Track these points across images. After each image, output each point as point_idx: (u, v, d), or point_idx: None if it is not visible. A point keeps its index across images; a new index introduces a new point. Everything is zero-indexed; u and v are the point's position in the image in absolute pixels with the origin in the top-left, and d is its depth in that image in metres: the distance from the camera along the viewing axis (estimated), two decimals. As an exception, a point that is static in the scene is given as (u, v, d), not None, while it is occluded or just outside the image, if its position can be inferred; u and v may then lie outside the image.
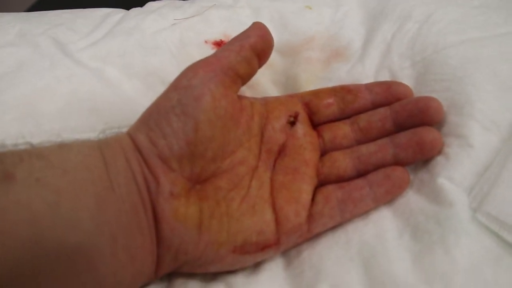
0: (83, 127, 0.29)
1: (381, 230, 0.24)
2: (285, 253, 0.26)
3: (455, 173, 0.25)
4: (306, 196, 0.25)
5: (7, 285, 0.18)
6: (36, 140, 0.27)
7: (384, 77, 0.30)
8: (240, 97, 0.27)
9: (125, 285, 0.22)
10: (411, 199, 0.25)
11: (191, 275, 0.25)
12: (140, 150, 0.23)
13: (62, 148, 0.22)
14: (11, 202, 0.19)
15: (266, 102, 0.29)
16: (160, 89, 0.26)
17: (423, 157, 0.26)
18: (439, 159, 0.26)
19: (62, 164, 0.21)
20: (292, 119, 0.28)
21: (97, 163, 0.22)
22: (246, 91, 0.30)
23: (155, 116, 0.24)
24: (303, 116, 0.28)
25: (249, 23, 0.28)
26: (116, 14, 0.37)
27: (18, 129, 0.28)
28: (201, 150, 0.24)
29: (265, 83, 0.32)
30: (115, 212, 0.21)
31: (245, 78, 0.27)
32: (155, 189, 0.23)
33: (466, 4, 0.32)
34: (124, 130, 0.26)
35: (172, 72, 0.27)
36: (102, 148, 0.23)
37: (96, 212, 0.20)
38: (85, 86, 0.31)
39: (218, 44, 0.33)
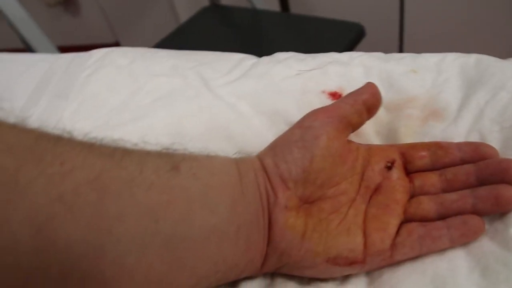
0: (219, 151, 0.37)
1: (454, 266, 0.29)
2: (369, 273, 0.31)
3: (527, 226, 0.29)
4: (392, 228, 0.31)
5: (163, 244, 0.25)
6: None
7: (474, 138, 0.35)
8: (349, 141, 0.33)
9: (239, 269, 0.29)
10: (485, 244, 0.29)
11: (290, 277, 0.31)
12: (265, 169, 0.30)
13: (210, 157, 0.30)
14: (176, 184, 0.26)
15: (370, 148, 0.34)
16: (283, 126, 0.33)
17: (499, 210, 0.30)
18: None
19: (210, 168, 0.29)
20: (389, 164, 0.33)
21: (234, 172, 0.30)
22: (353, 137, 0.36)
23: (280, 145, 0.31)
24: (399, 163, 0.34)
25: (361, 79, 0.34)
26: (249, 59, 0.46)
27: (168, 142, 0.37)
28: (313, 177, 0.30)
29: (370, 132, 0.38)
30: (242, 211, 0.28)
31: (355, 126, 0.33)
32: (274, 201, 0.30)
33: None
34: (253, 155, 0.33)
35: (293, 114, 0.34)
36: (238, 163, 0.30)
37: (230, 207, 0.28)
38: (222, 116, 0.39)
39: (333, 94, 0.40)
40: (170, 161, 0.27)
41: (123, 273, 0.24)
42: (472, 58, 0.41)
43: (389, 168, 0.33)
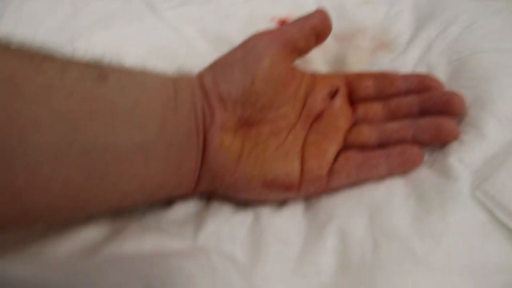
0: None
1: (390, 192, 0.29)
2: (307, 199, 0.31)
3: (465, 156, 0.28)
4: (330, 155, 0.30)
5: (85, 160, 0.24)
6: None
7: (422, 70, 0.34)
8: (294, 68, 0.32)
9: (168, 188, 0.28)
10: (423, 173, 0.29)
11: (226, 200, 0.30)
12: (204, 88, 0.29)
13: (145, 72, 0.28)
14: (100, 95, 0.24)
15: (315, 76, 0.33)
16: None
17: (439, 141, 0.30)
18: (454, 143, 0.29)
19: (142, 82, 0.27)
20: (333, 92, 0.32)
21: (168, 89, 0.28)
22: (300, 64, 0.35)
23: (221, 65, 0.29)
24: (343, 91, 0.33)
25: (312, 7, 0.33)
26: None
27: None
28: (253, 99, 0.29)
29: (317, 61, 0.36)
30: (174, 129, 0.27)
31: (301, 52, 0.32)
32: (210, 120, 0.28)
33: (507, 19, 0.35)
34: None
35: (239, 40, 0.32)
36: (175, 80, 0.29)
37: (160, 124, 0.26)
38: (166, 39, 0.37)
39: (283, 22, 0.38)
40: (97, 70, 0.25)
41: (37, 184, 0.22)
42: (427, -6, 0.40)
43: (332, 96, 0.32)
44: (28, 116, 0.22)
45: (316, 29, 0.31)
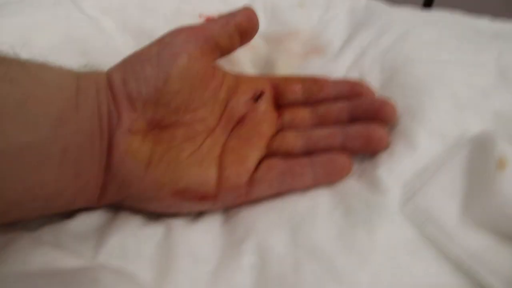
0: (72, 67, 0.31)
1: (315, 204, 0.26)
2: (225, 211, 0.28)
3: (395, 167, 0.27)
4: (251, 162, 0.27)
5: None
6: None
7: (354, 75, 0.33)
8: (215, 67, 0.29)
9: (65, 197, 0.24)
10: (350, 184, 0.27)
11: (136, 212, 0.27)
12: (111, 86, 0.25)
13: (44, 65, 0.24)
14: None
15: (238, 77, 0.31)
16: None
17: (368, 150, 0.28)
18: (384, 154, 0.28)
19: (39, 76, 0.23)
20: (257, 95, 0.30)
21: (69, 86, 0.24)
22: (226, 65, 0.32)
23: (133, 61, 0.26)
24: (268, 95, 0.30)
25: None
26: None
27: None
28: (166, 100, 0.26)
29: (244, 62, 0.34)
30: (71, 131, 0.23)
31: (224, 51, 0.29)
32: (116, 122, 0.25)
33: (442, 31, 0.34)
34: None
35: None
36: (79, 77, 0.25)
37: (56, 122, 0.22)
38: (81, 30, 0.33)
39: (211, 19, 0.35)
40: None
41: None
42: (363, 1, 0.38)
43: (256, 99, 0.30)
44: None
45: (241, 27, 0.28)
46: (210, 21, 0.29)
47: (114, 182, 0.25)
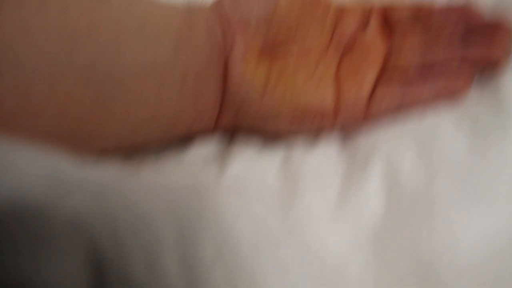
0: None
1: (439, 119, 0.25)
2: (342, 136, 0.27)
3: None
4: (369, 77, 0.26)
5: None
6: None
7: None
8: None
9: (185, 121, 0.24)
10: (474, 96, 0.25)
11: (253, 135, 0.26)
12: (223, 9, 0.25)
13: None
14: (99, 13, 0.21)
15: (342, 8, 0.29)
16: None
17: (490, 60, 0.26)
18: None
19: (150, 7, 0.23)
20: (364, 22, 0.28)
21: (180, 16, 0.24)
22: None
23: None
24: (375, 21, 0.28)
25: None
26: None
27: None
28: (278, 18, 0.25)
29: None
30: (189, 53, 0.23)
31: None
32: (231, 46, 0.24)
33: None
34: None
35: None
36: (187, 8, 0.25)
37: (174, 45, 0.22)
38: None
39: None
40: None
41: (31, 106, 0.18)
42: None
43: (364, 26, 0.28)
44: (16, 22, 0.18)
45: None
46: None
47: (232, 106, 0.25)
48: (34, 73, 0.18)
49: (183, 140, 0.26)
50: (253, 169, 0.25)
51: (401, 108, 0.26)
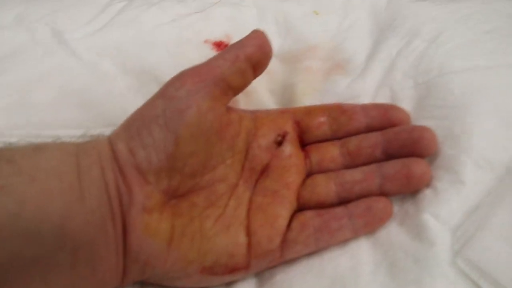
0: (70, 123, 0.29)
1: (357, 263, 0.24)
2: (258, 274, 0.26)
3: (441, 210, 0.24)
4: (282, 221, 0.25)
5: None
6: (14, 138, 0.26)
7: (384, 95, 0.29)
8: (229, 110, 0.26)
9: None
10: (393, 231, 0.25)
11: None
12: (117, 160, 0.23)
13: (36, 152, 0.21)
14: None
15: (256, 117, 0.28)
16: (154, 88, 0.25)
17: (409, 190, 0.25)
18: (428, 192, 0.25)
19: (32, 170, 0.20)
20: (280, 138, 0.27)
21: (70, 171, 0.21)
22: (240, 98, 0.29)
23: (138, 124, 0.23)
24: (291, 136, 0.27)
25: (253, 24, 0.26)
26: (119, 2, 0.36)
27: (6, 120, 0.28)
28: (180, 165, 0.23)
29: (261, 91, 0.31)
30: (81, 224, 0.21)
31: (237, 90, 0.26)
32: (128, 201, 0.22)
33: (476, 27, 0.30)
34: (110, 129, 0.25)
35: (167, 73, 0.25)
36: (79, 154, 0.22)
37: (60, 224, 0.20)
38: (78, 79, 0.30)
39: (218, 45, 0.32)
40: None
41: None
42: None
43: (279, 143, 0.27)
44: None
45: (252, 58, 0.25)
46: (214, 57, 0.25)
47: (136, 265, 0.23)
48: None
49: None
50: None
51: (318, 248, 0.25)
